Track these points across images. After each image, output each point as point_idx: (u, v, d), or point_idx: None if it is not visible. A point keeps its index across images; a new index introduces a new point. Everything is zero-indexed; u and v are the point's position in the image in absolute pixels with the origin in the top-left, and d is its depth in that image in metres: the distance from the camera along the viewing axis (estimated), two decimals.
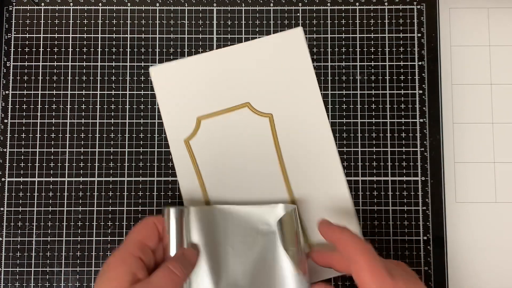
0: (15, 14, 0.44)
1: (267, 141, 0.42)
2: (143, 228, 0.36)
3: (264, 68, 0.43)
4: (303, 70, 0.43)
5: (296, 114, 0.43)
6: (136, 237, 0.36)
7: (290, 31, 0.43)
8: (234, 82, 0.43)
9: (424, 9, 0.44)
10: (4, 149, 0.43)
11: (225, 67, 0.43)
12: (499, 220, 0.42)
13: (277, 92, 0.43)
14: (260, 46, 0.43)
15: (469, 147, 0.43)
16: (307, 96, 0.43)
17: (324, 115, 0.43)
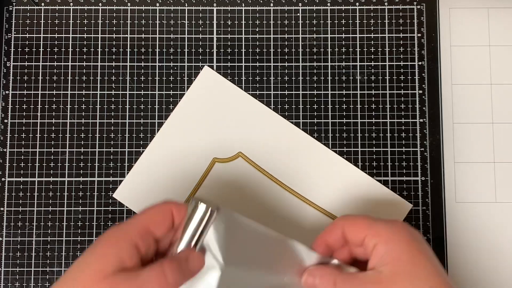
0: (15, 14, 0.44)
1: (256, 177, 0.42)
2: (156, 213, 0.32)
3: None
4: (238, 96, 0.43)
5: (262, 138, 0.43)
6: (143, 221, 0.31)
7: (200, 73, 0.43)
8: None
9: (424, 9, 0.44)
10: (4, 149, 0.43)
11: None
12: (499, 220, 0.42)
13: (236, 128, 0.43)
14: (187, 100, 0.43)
15: (469, 147, 0.43)
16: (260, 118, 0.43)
17: (287, 124, 0.43)
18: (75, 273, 0.30)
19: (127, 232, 0.30)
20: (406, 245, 0.31)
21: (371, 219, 0.33)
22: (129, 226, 0.31)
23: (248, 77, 0.44)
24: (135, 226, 0.31)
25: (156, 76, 0.44)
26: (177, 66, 0.44)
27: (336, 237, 0.34)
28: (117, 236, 0.30)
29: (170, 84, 0.44)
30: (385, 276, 0.31)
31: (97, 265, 0.29)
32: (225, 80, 0.43)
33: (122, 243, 0.30)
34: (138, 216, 0.31)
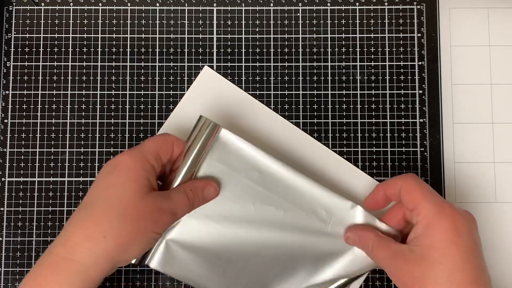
0: (15, 14, 0.44)
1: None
2: (161, 141, 0.35)
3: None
4: (238, 96, 0.43)
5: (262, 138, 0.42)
6: (153, 146, 0.34)
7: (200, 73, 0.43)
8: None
9: (424, 9, 0.44)
10: (4, 149, 0.43)
11: None
12: (499, 220, 0.42)
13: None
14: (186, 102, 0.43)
15: (469, 147, 0.43)
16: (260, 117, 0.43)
17: (287, 124, 0.43)
18: (115, 194, 0.32)
19: (145, 155, 0.34)
20: (444, 234, 0.32)
21: (428, 193, 0.34)
22: (144, 151, 0.34)
23: (248, 77, 0.44)
24: (149, 150, 0.34)
25: (156, 76, 0.44)
26: (177, 66, 0.44)
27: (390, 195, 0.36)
28: (140, 160, 0.33)
29: (170, 84, 0.44)
30: (413, 256, 0.32)
31: (135, 187, 0.32)
32: (225, 80, 0.43)
33: (146, 166, 0.33)
34: (147, 143, 0.35)
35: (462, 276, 0.31)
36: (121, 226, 0.32)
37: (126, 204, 0.32)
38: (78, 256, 0.31)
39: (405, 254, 0.33)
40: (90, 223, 0.32)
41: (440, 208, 0.33)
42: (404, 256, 0.33)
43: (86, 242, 0.31)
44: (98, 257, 0.31)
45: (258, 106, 0.43)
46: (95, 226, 0.32)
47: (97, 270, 0.32)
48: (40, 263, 0.32)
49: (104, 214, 0.32)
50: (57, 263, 0.31)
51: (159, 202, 0.34)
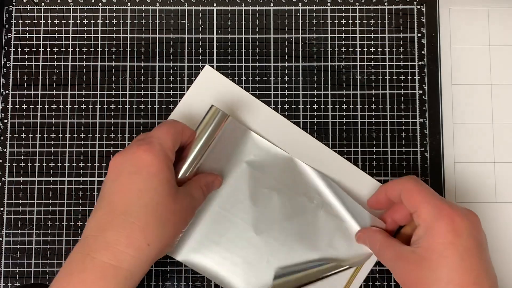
0: (15, 14, 0.44)
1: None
2: (175, 133, 0.35)
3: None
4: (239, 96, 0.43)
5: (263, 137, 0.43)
6: (170, 141, 0.34)
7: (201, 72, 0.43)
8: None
9: (424, 9, 0.44)
10: (4, 149, 0.43)
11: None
12: (499, 220, 0.42)
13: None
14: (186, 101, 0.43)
15: (469, 147, 0.43)
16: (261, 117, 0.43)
17: (288, 123, 0.43)
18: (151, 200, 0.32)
19: (168, 154, 0.34)
20: (443, 236, 0.32)
21: (427, 196, 0.34)
22: (165, 148, 0.34)
23: (248, 77, 0.44)
24: (169, 147, 0.34)
25: (156, 76, 0.44)
26: (177, 66, 0.44)
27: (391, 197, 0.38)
28: (165, 161, 0.33)
29: (170, 84, 0.44)
30: (415, 258, 0.33)
31: (167, 190, 0.33)
32: (226, 79, 0.43)
33: (170, 165, 0.34)
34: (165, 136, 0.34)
35: (462, 277, 0.31)
36: (163, 233, 0.33)
37: (164, 210, 0.33)
38: (126, 264, 0.31)
39: (408, 256, 0.34)
40: (134, 232, 0.32)
41: (439, 210, 0.33)
42: (406, 258, 0.34)
43: (131, 250, 0.31)
44: (143, 264, 0.32)
45: (259, 106, 0.43)
46: (140, 235, 0.32)
47: (140, 275, 0.33)
48: (83, 268, 0.31)
49: (147, 222, 0.32)
50: (105, 270, 0.31)
51: (186, 202, 0.35)
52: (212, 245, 0.40)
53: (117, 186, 0.33)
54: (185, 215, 0.35)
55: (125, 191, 0.32)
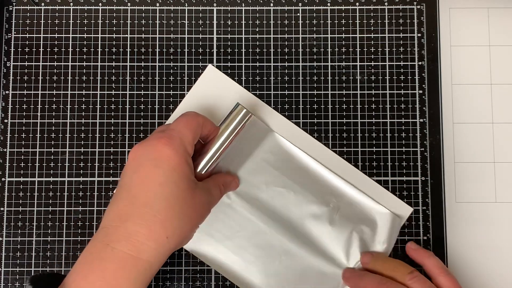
0: (15, 14, 0.44)
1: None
2: (195, 127, 0.35)
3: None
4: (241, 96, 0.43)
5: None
6: (191, 136, 0.35)
7: (204, 72, 0.43)
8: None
9: (424, 9, 0.44)
10: (4, 149, 0.43)
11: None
12: (499, 220, 0.42)
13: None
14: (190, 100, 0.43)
15: (469, 147, 0.43)
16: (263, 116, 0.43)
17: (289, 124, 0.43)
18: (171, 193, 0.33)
19: (187, 149, 0.34)
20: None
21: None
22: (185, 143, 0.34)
23: (248, 77, 0.44)
24: (189, 141, 0.34)
25: (156, 76, 0.44)
26: (177, 66, 0.44)
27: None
28: (185, 156, 0.34)
29: (170, 84, 0.44)
30: None
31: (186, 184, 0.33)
32: (228, 79, 0.43)
33: (189, 160, 0.35)
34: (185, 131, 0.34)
35: None
36: (182, 227, 0.33)
37: (183, 204, 0.33)
38: (146, 256, 0.32)
39: None
40: (155, 224, 0.32)
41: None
42: None
43: (151, 242, 0.32)
44: (161, 256, 0.33)
45: (262, 106, 0.43)
46: (160, 227, 0.32)
47: (158, 267, 0.33)
48: (103, 257, 0.32)
49: (167, 215, 0.32)
50: (125, 261, 0.31)
51: (204, 197, 0.35)
52: (226, 240, 0.41)
53: (137, 178, 0.33)
54: (202, 211, 0.35)
55: (146, 183, 0.33)
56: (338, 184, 0.42)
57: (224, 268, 0.41)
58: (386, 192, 0.42)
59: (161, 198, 0.32)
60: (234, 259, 0.41)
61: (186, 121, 0.35)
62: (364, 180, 0.42)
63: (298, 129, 0.43)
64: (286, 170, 0.42)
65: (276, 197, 0.41)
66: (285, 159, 0.42)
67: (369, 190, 0.42)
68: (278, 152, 0.42)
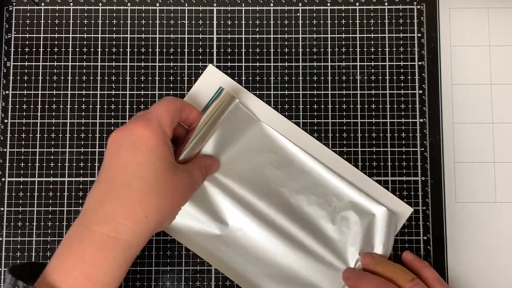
0: (15, 14, 0.44)
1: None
2: (174, 110, 0.35)
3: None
4: (242, 95, 0.43)
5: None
6: (169, 118, 0.35)
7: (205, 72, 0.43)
8: None
9: (424, 9, 0.44)
10: (4, 149, 0.43)
11: None
12: (499, 220, 0.42)
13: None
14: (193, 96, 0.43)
15: (469, 147, 0.43)
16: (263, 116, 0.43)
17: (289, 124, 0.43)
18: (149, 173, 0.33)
19: (166, 130, 0.34)
20: None
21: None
22: (163, 125, 0.34)
23: (248, 77, 0.44)
24: (167, 124, 0.35)
25: (156, 76, 0.44)
26: (177, 66, 0.44)
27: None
28: (163, 137, 0.34)
29: (170, 84, 0.44)
30: None
31: (165, 164, 0.33)
32: (229, 78, 0.43)
33: (168, 141, 0.35)
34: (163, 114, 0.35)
35: None
36: (161, 206, 0.33)
37: (162, 184, 0.33)
38: (124, 235, 0.32)
39: None
40: (133, 204, 0.32)
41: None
42: None
43: (129, 221, 0.32)
44: (140, 235, 0.32)
45: (262, 106, 0.43)
46: (138, 207, 0.32)
47: (138, 247, 0.33)
48: (82, 241, 0.32)
49: (145, 194, 0.32)
50: (104, 242, 0.31)
51: (185, 178, 0.35)
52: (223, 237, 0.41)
53: (116, 161, 0.33)
54: (183, 191, 0.35)
55: (124, 165, 0.33)
56: (339, 184, 0.42)
57: (223, 266, 0.41)
58: (386, 192, 0.42)
59: (139, 178, 0.32)
60: (232, 257, 0.41)
61: (164, 104, 0.36)
62: (363, 180, 0.42)
63: (301, 130, 0.43)
64: (285, 169, 0.42)
65: (277, 198, 0.41)
66: (285, 158, 0.42)
67: (369, 190, 0.42)
68: (278, 151, 0.42)
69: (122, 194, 0.32)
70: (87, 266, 0.31)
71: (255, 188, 0.41)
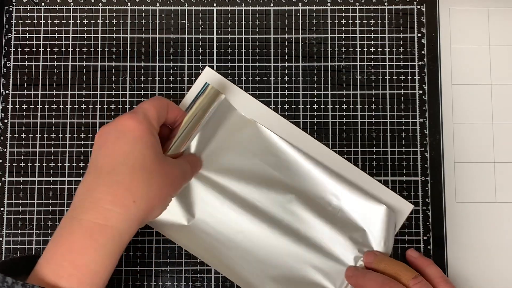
0: (15, 14, 0.44)
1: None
2: (160, 106, 0.36)
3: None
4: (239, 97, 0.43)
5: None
6: (155, 112, 0.35)
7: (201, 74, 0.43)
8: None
9: (424, 9, 0.44)
10: (4, 149, 0.43)
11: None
12: (499, 220, 0.42)
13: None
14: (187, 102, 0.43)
15: (469, 147, 0.43)
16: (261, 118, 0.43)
17: (287, 124, 0.43)
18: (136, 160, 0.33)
19: (152, 122, 0.35)
20: None
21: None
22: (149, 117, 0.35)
23: (248, 77, 0.44)
24: (153, 117, 0.35)
25: (156, 76, 0.44)
26: (177, 66, 0.44)
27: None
28: (149, 127, 0.34)
29: (170, 84, 0.44)
30: None
31: (153, 153, 0.34)
32: (226, 80, 0.43)
33: (154, 132, 0.35)
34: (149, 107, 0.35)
35: None
36: (148, 192, 0.33)
37: (150, 171, 0.33)
38: (112, 222, 0.31)
39: None
40: (120, 189, 0.32)
41: None
42: None
43: (117, 207, 0.32)
44: (129, 222, 0.32)
45: (260, 107, 0.43)
46: (125, 192, 0.32)
47: (128, 234, 0.33)
48: (71, 231, 0.32)
49: (132, 179, 0.32)
50: (92, 229, 0.31)
51: (174, 168, 0.36)
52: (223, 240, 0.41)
53: (103, 151, 0.34)
54: (172, 181, 0.35)
55: (111, 154, 0.33)
56: (338, 183, 0.42)
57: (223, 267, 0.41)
58: (386, 190, 0.42)
59: (126, 165, 0.32)
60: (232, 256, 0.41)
61: (151, 100, 0.36)
62: (363, 178, 0.42)
63: (299, 130, 0.43)
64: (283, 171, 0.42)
65: (277, 198, 0.41)
66: (283, 160, 0.42)
67: (369, 188, 0.42)
68: (276, 153, 0.42)
69: (109, 181, 0.32)
70: (75, 255, 0.31)
71: (253, 190, 0.41)
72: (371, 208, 0.41)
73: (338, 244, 0.40)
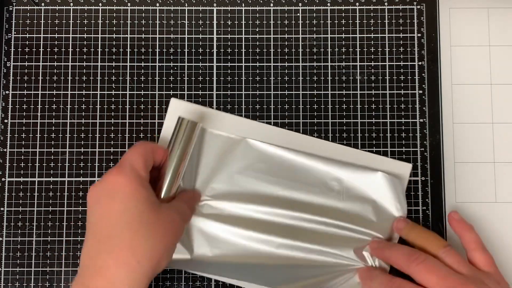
0: (15, 14, 0.44)
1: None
2: (144, 152, 0.35)
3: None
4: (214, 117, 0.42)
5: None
6: (141, 161, 0.35)
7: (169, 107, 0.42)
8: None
9: (424, 9, 0.44)
10: (4, 149, 0.43)
11: None
12: (499, 220, 0.42)
13: None
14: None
15: (469, 147, 0.43)
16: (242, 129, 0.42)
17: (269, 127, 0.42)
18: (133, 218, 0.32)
19: (140, 173, 0.34)
20: None
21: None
22: (136, 168, 0.34)
23: (248, 77, 0.44)
24: (140, 167, 0.34)
25: (156, 76, 0.44)
26: (177, 66, 0.44)
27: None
28: (138, 180, 0.34)
29: (170, 84, 0.44)
30: None
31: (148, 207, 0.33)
32: (195, 105, 0.42)
33: (145, 183, 0.34)
34: (134, 157, 0.35)
35: None
36: (152, 248, 0.33)
37: (148, 225, 0.33)
38: (120, 285, 0.32)
39: None
40: (122, 251, 0.32)
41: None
42: None
43: (122, 270, 0.32)
44: (137, 282, 0.32)
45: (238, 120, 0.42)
46: (128, 253, 0.32)
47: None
48: None
49: (133, 240, 0.32)
50: None
51: (172, 215, 0.35)
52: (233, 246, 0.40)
53: (97, 214, 0.33)
54: (173, 228, 0.35)
55: (106, 216, 0.33)
56: (336, 168, 0.41)
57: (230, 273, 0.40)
58: (381, 158, 0.42)
59: (123, 225, 0.32)
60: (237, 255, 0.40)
61: (135, 149, 0.35)
62: (357, 155, 0.42)
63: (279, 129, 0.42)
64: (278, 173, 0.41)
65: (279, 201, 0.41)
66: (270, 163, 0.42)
67: (365, 163, 0.41)
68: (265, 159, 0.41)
69: (109, 246, 0.32)
70: None
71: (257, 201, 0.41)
72: (371, 178, 0.41)
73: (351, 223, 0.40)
